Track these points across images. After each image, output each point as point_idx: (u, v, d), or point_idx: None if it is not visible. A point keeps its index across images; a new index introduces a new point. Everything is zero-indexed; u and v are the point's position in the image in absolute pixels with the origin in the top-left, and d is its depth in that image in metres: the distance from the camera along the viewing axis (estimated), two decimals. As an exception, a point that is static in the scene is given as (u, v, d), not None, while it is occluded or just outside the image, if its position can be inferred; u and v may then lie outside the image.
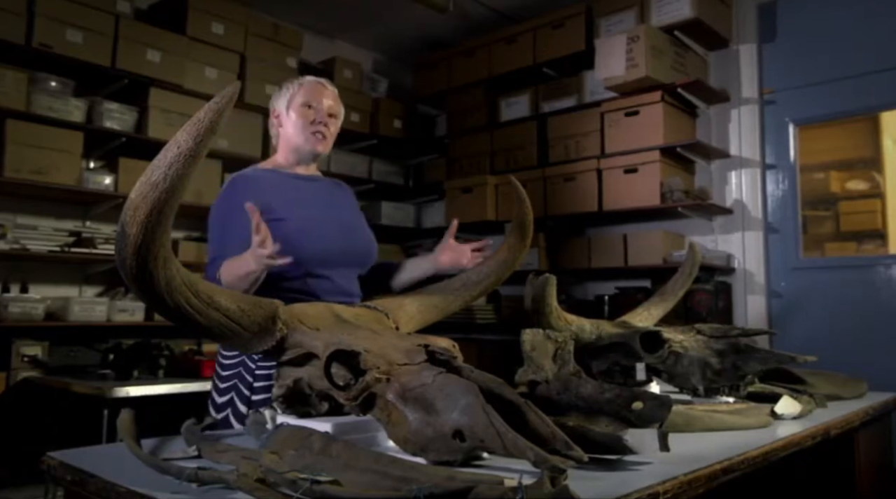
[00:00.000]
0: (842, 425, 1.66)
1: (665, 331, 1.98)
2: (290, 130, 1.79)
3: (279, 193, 1.72)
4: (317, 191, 1.84)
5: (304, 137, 1.77)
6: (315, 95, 1.78)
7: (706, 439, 1.39)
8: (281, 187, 1.76)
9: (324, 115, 1.78)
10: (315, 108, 1.77)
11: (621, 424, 1.31)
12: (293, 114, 1.78)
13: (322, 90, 1.80)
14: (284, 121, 1.80)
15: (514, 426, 1.13)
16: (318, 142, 1.79)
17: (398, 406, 1.16)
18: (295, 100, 1.78)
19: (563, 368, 1.44)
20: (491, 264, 1.65)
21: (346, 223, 1.84)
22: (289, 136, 1.80)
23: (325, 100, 1.79)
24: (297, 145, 1.79)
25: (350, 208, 1.93)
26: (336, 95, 1.84)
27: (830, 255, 3.82)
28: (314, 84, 1.81)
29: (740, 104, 3.48)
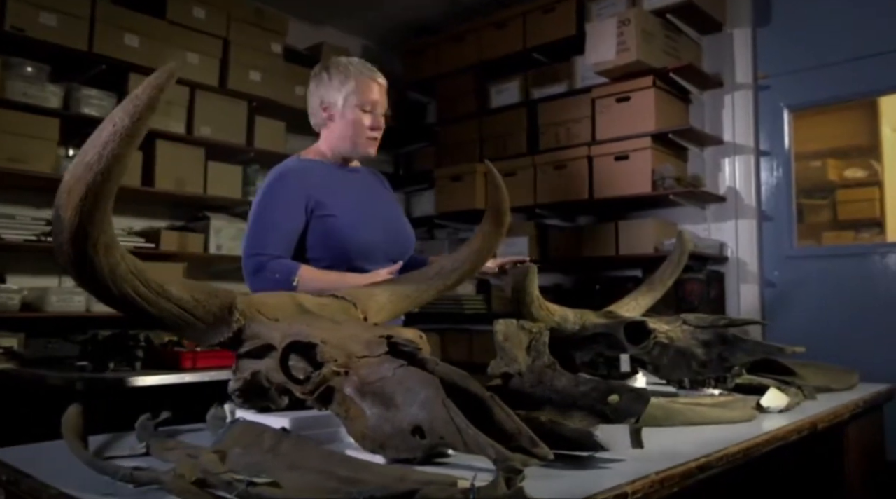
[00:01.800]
0: (830, 418, 1.60)
1: (650, 321, 1.92)
2: (345, 130, 1.77)
3: (328, 188, 1.72)
4: (361, 184, 1.84)
5: (360, 142, 1.77)
6: (371, 95, 1.75)
7: (686, 434, 1.33)
8: (329, 181, 1.75)
9: (379, 119, 1.78)
10: (373, 113, 1.76)
11: (596, 418, 1.25)
12: (349, 114, 1.75)
13: (377, 88, 1.77)
14: (336, 117, 1.77)
15: (479, 422, 1.08)
16: (371, 146, 1.80)
17: (356, 401, 1.10)
18: (351, 99, 1.75)
19: (537, 360, 1.38)
20: (466, 252, 1.59)
21: (390, 217, 1.86)
22: (341, 133, 1.78)
23: (379, 99, 1.78)
24: (350, 147, 1.79)
25: (391, 200, 1.94)
26: (386, 88, 1.81)
27: (827, 244, 3.76)
28: (369, 82, 1.76)
29: (734, 89, 3.41)
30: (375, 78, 1.78)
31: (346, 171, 1.83)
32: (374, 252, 1.74)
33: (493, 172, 1.48)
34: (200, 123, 3.42)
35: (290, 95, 3.84)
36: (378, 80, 1.79)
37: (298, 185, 1.69)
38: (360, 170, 1.91)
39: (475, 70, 4.06)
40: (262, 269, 1.62)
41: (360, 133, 1.77)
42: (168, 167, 3.31)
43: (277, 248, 1.64)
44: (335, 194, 1.73)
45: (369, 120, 1.76)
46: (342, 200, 1.73)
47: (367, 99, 1.75)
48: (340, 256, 1.69)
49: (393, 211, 1.92)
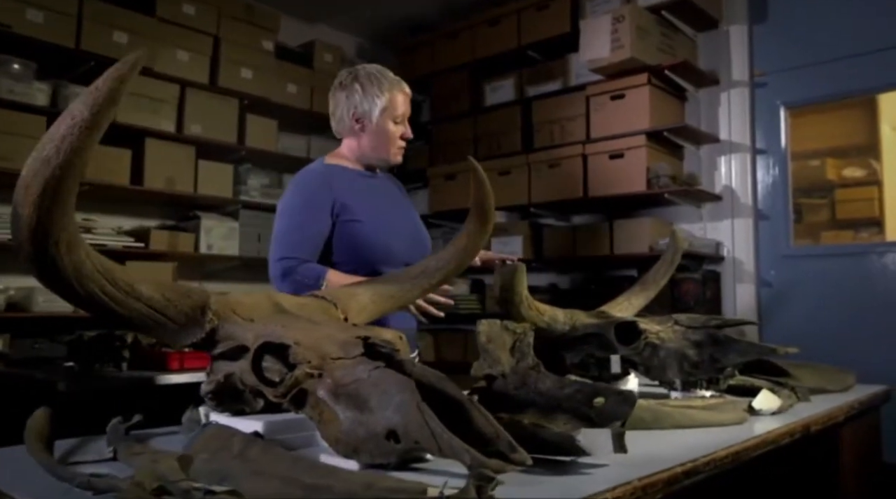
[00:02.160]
0: (823, 420, 1.57)
1: (641, 321, 1.88)
2: (377, 141, 1.82)
3: (353, 193, 1.76)
4: (384, 190, 1.89)
5: (390, 151, 1.84)
6: (402, 108, 1.83)
7: (674, 437, 1.30)
8: (354, 186, 1.79)
9: (408, 129, 1.86)
10: (403, 124, 1.84)
11: (581, 421, 1.22)
12: (383, 126, 1.81)
13: (404, 100, 1.84)
14: (367, 126, 1.81)
15: (457, 425, 1.04)
16: (400, 155, 1.88)
17: (329, 404, 1.07)
18: (387, 110, 1.80)
19: (521, 361, 1.35)
20: (451, 251, 1.55)
21: (410, 223, 1.90)
22: (373, 143, 1.83)
23: (407, 110, 1.85)
24: (382, 156, 1.85)
25: (409, 206, 1.99)
26: (409, 96, 1.88)
27: (825, 244, 3.72)
28: (398, 95, 1.83)
29: (730, 87, 3.37)
30: (404, 89, 1.86)
31: (368, 177, 1.88)
32: (396, 257, 1.77)
33: (476, 168, 1.45)
34: (191, 122, 3.39)
35: (282, 93, 3.81)
36: (404, 90, 1.86)
37: (324, 188, 1.73)
38: (381, 176, 1.95)
39: (469, 68, 4.02)
40: (290, 273, 1.65)
41: (392, 143, 1.83)
42: (158, 166, 3.27)
43: (305, 251, 1.68)
44: (360, 200, 1.77)
45: (401, 131, 1.84)
46: (367, 205, 1.77)
47: (399, 111, 1.82)
48: (364, 260, 1.73)
49: (412, 217, 1.95)
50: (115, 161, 3.16)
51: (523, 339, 1.35)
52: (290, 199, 1.75)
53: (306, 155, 4.01)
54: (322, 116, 4.05)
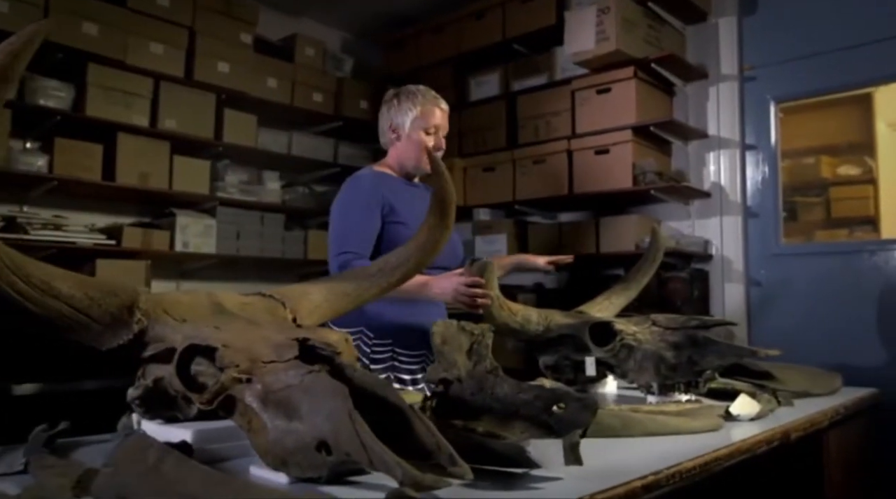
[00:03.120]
0: (805, 426, 1.48)
1: (617, 322, 1.80)
2: (409, 149, 1.99)
3: (399, 198, 1.93)
4: (423, 197, 1.96)
5: (421, 159, 1.98)
6: (434, 120, 2.00)
7: (644, 446, 1.21)
8: (399, 192, 1.96)
9: (441, 140, 2.02)
10: (435, 135, 2.00)
11: (539, 429, 1.13)
12: (414, 136, 1.98)
13: (440, 114, 2.02)
14: (402, 137, 2.00)
15: (398, 435, 0.96)
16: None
17: (258, 411, 0.98)
18: (419, 121, 1.98)
19: (478, 364, 1.26)
20: (411, 248, 1.46)
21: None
22: (407, 152, 2.00)
23: (441, 123, 2.02)
24: (414, 164, 2.00)
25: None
26: (447, 113, 2.06)
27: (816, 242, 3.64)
28: (433, 108, 2.01)
29: (719, 81, 3.28)
30: (439, 104, 2.03)
31: (409, 185, 2.04)
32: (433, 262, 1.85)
33: (433, 158, 1.36)
34: (165, 116, 3.29)
35: (262, 88, 3.71)
36: (441, 106, 2.03)
37: (375, 190, 1.90)
38: (420, 186, 2.09)
39: (454, 62, 3.93)
40: (346, 266, 1.79)
41: (423, 151, 1.97)
42: (131, 161, 3.18)
43: (360, 246, 1.82)
44: (404, 204, 1.93)
45: (432, 141, 1.98)
46: (410, 209, 1.92)
47: (430, 123, 1.99)
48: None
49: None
50: (86, 156, 3.07)
51: (481, 341, 1.27)
52: (346, 199, 1.91)
53: (287, 151, 3.92)
54: (303, 112, 4.03)
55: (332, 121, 4.08)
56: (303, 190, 4.01)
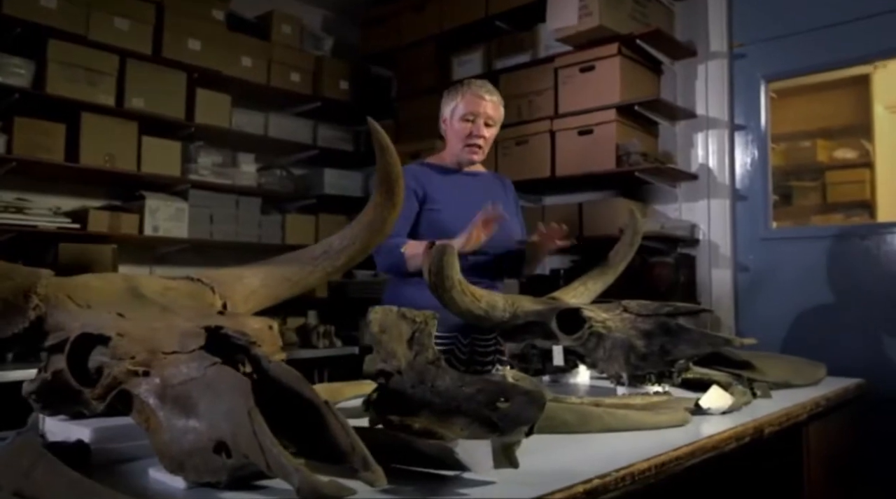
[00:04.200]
0: (781, 420, 1.38)
1: (586, 308, 1.69)
2: (452, 138, 2.08)
3: (439, 187, 2.03)
4: (475, 185, 2.10)
5: (461, 147, 2.05)
6: (474, 107, 2.03)
7: (597, 444, 1.11)
8: (441, 181, 2.05)
9: (480, 128, 2.04)
10: (474, 122, 2.03)
11: (482, 426, 1.03)
12: (455, 124, 2.05)
13: (480, 102, 2.03)
14: (448, 127, 2.09)
15: (314, 435, 0.86)
16: (472, 153, 2.06)
17: (154, 408, 0.88)
18: (457, 110, 2.05)
19: (419, 355, 1.15)
20: (356, 228, 1.35)
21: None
22: (450, 141, 2.09)
23: (483, 110, 2.04)
24: (456, 153, 2.08)
25: (502, 201, 2.08)
26: (497, 103, 2.08)
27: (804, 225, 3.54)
28: (474, 97, 2.04)
29: (708, 59, 3.16)
30: (482, 94, 2.04)
31: (461, 174, 2.11)
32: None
33: (376, 130, 1.25)
34: (132, 95, 3.17)
35: (237, 67, 3.59)
36: (485, 96, 2.04)
37: (411, 180, 1.97)
38: (481, 174, 2.18)
39: (436, 41, 3.80)
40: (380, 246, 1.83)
41: (460, 139, 2.04)
42: (96, 142, 3.06)
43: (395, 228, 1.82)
44: (444, 192, 2.02)
45: (470, 128, 2.03)
46: (450, 197, 2.02)
47: (469, 110, 2.03)
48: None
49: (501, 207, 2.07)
50: (47, 136, 2.95)
51: (423, 329, 1.16)
52: None
53: (263, 132, 3.80)
54: (281, 92, 3.90)
55: (311, 101, 3.95)
56: (280, 173, 3.89)
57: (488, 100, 2.05)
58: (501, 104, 2.10)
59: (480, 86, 2.07)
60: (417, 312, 1.18)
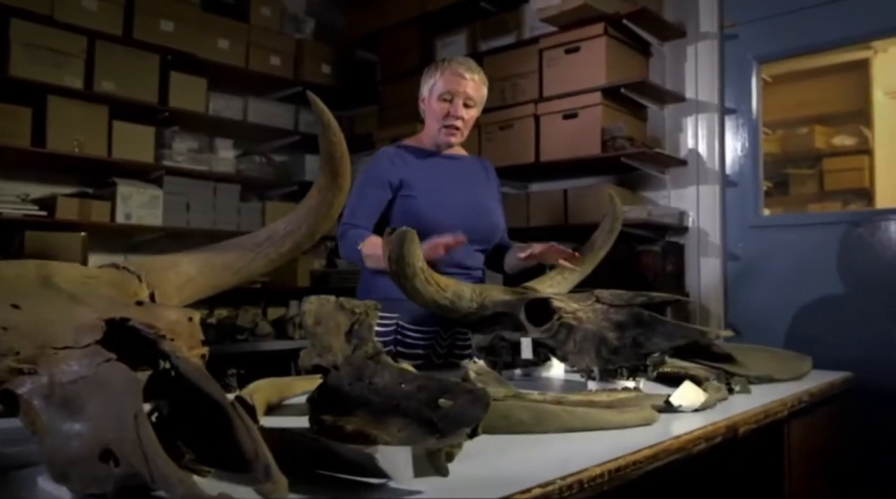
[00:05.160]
0: (758, 418, 1.29)
1: (556, 299, 1.60)
2: (429, 119, 1.95)
3: (416, 172, 1.90)
4: (454, 170, 1.98)
5: (438, 128, 1.91)
6: (453, 86, 1.88)
7: (551, 446, 1.02)
8: (419, 166, 1.92)
9: (458, 108, 1.89)
10: (452, 102, 1.89)
11: (421, 428, 0.94)
12: (433, 104, 1.92)
13: (460, 81, 1.88)
14: (426, 107, 1.95)
15: (220, 439, 0.77)
16: (449, 135, 1.92)
17: (38, 410, 0.78)
18: (435, 89, 1.91)
19: (358, 349, 1.06)
20: (301, 213, 1.25)
21: (475, 201, 1.96)
22: (429, 123, 1.96)
23: (462, 90, 1.88)
24: (433, 135, 1.94)
25: (484, 186, 2.05)
26: (478, 83, 1.92)
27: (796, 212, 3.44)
28: (454, 76, 1.89)
29: (697, 40, 3.04)
30: (462, 72, 1.89)
31: (441, 157, 1.97)
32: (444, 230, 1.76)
33: (315, 103, 1.15)
34: (102, 78, 3.06)
35: (212, 49, 3.48)
36: (465, 74, 1.89)
37: (387, 165, 1.89)
38: (462, 158, 2.05)
39: (420, 22, 3.69)
40: (343, 235, 1.82)
41: (437, 120, 1.91)
42: (64, 126, 2.96)
43: (359, 218, 1.83)
44: (421, 177, 1.89)
45: (447, 107, 1.88)
46: (427, 182, 1.89)
47: (448, 89, 1.88)
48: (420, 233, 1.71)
49: (482, 198, 2.00)
50: (12, 120, 2.85)
51: (363, 320, 1.07)
52: (360, 174, 1.90)
53: (242, 117, 3.69)
54: (260, 76, 3.79)
55: (292, 86, 3.84)
56: (260, 159, 3.79)
57: (468, 78, 1.89)
58: (484, 84, 1.95)
59: (461, 63, 1.91)
60: (357, 303, 1.09)
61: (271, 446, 0.89)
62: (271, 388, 1.34)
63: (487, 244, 2.00)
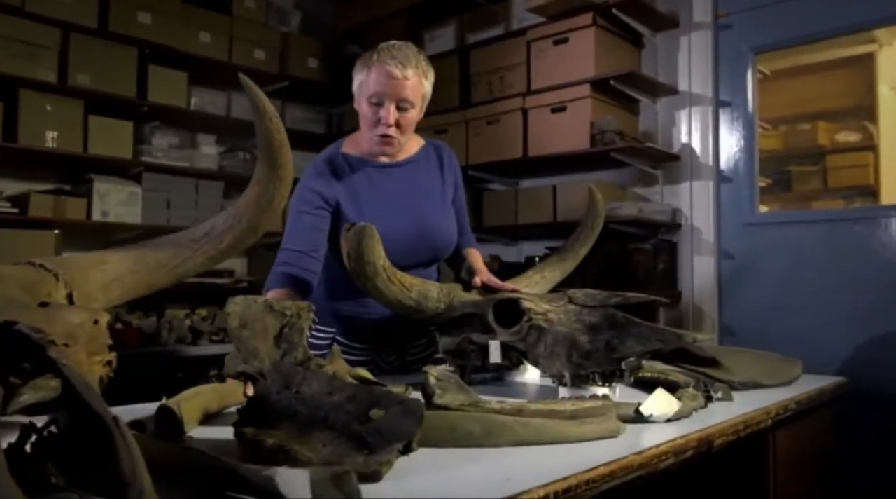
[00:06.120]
0: (736, 429, 1.18)
1: (526, 299, 1.50)
2: (361, 123, 1.64)
3: (350, 190, 1.62)
4: (397, 182, 1.68)
5: (370, 137, 1.61)
6: (381, 87, 1.55)
7: (502, 462, 0.92)
8: (355, 181, 1.63)
9: (389, 114, 1.56)
10: (384, 106, 1.56)
11: (348, 442, 0.85)
12: (362, 106, 1.61)
13: (388, 82, 1.54)
14: (357, 107, 1.64)
15: (102, 457, 0.67)
16: (384, 146, 1.61)
17: None
18: (364, 89, 1.59)
19: (288, 354, 0.96)
20: (240, 206, 1.16)
21: (420, 222, 1.67)
22: (361, 127, 1.64)
23: (393, 92, 1.55)
24: (367, 143, 1.63)
25: (435, 194, 1.74)
26: (416, 81, 1.58)
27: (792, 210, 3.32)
28: (382, 75, 1.55)
29: (691, 30, 2.94)
30: (393, 71, 1.54)
31: (381, 167, 1.67)
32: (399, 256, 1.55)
33: (249, 86, 1.05)
34: (76, 71, 2.98)
35: (193, 42, 3.39)
36: (395, 73, 1.54)
37: (321, 183, 1.61)
38: (405, 164, 1.71)
39: (408, 14, 3.59)
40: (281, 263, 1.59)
41: (370, 128, 1.60)
42: (36, 121, 2.87)
43: (296, 243, 1.59)
44: (357, 197, 1.62)
45: (378, 115, 1.57)
46: (363, 204, 1.63)
47: (375, 90, 1.55)
48: None
49: (428, 215, 1.70)
50: (-18, 115, 2.77)
51: (294, 323, 0.97)
52: (297, 188, 1.62)
53: (226, 113, 3.60)
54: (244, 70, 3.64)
55: (278, 81, 3.75)
56: (244, 156, 3.69)
57: (400, 78, 1.54)
58: (425, 76, 1.62)
59: (394, 56, 1.55)
60: (288, 304, 1.00)
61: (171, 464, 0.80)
62: (212, 394, 1.25)
63: (437, 261, 1.78)
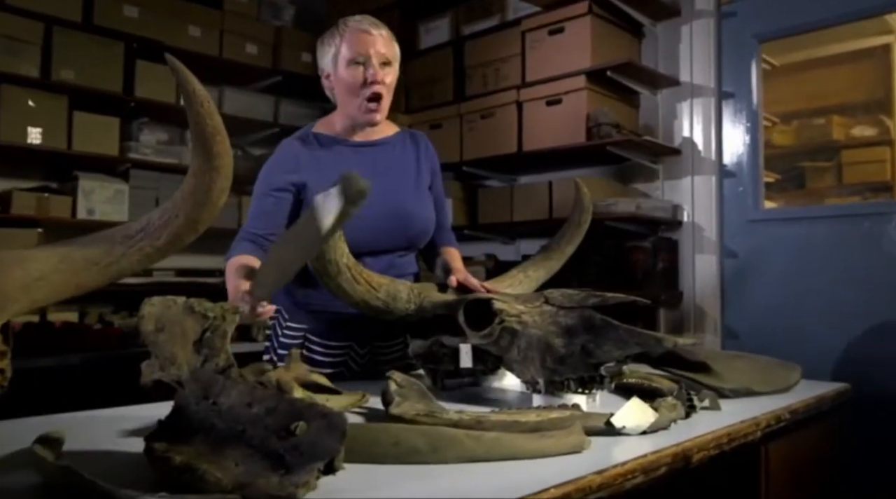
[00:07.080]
0: (719, 442, 1.08)
1: (499, 299, 1.40)
2: (343, 94, 1.59)
3: (322, 170, 1.56)
4: (371, 162, 1.63)
5: (358, 104, 1.56)
6: (362, 46, 1.54)
7: (441, 481, 0.83)
8: (326, 160, 1.59)
9: (376, 71, 1.54)
10: (366, 65, 1.54)
11: (264, 460, 0.76)
12: (342, 73, 1.56)
13: (367, 38, 1.55)
14: (334, 82, 1.60)
15: None
16: (372, 111, 1.57)
17: None
18: (341, 56, 1.56)
19: (209, 360, 0.87)
20: (176, 200, 1.07)
21: (395, 204, 1.62)
22: (342, 99, 1.60)
23: (374, 47, 1.54)
24: (352, 115, 1.60)
25: (410, 177, 1.69)
26: (388, 38, 1.58)
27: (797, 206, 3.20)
28: (356, 32, 1.56)
29: (693, 19, 2.82)
30: (367, 28, 1.56)
31: (355, 146, 1.64)
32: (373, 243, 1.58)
33: (175, 67, 0.96)
34: (60, 66, 2.91)
35: (182, 37, 3.31)
36: (370, 30, 1.55)
37: (289, 164, 1.59)
38: (381, 143, 1.67)
39: (402, 6, 3.50)
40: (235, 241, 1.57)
41: (353, 93, 1.56)
42: (18, 117, 2.81)
43: (254, 225, 1.57)
44: (324, 173, 1.55)
45: (363, 73, 1.54)
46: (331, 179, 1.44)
47: (357, 51, 1.54)
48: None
49: (404, 199, 1.65)
50: (-38, 111, 2.71)
51: (217, 327, 0.88)
52: (262, 170, 1.62)
53: (218, 109, 3.52)
54: (236, 65, 3.63)
55: (271, 76, 3.67)
56: (237, 153, 3.62)
57: (376, 34, 1.55)
58: (393, 40, 1.61)
59: (361, 20, 1.58)
60: (211, 306, 0.90)
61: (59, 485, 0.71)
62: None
63: (415, 248, 1.71)
